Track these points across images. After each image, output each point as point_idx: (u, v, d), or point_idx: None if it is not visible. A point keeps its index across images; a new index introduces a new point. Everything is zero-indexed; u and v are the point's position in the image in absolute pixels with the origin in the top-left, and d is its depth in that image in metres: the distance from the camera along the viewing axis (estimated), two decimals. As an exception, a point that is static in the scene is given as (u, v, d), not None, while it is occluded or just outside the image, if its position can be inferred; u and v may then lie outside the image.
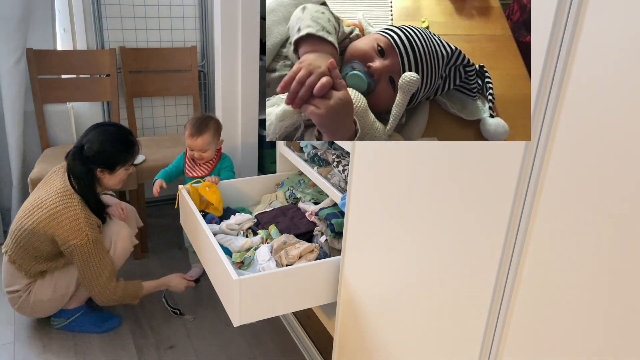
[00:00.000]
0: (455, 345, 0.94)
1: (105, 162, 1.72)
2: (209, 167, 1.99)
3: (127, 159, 1.78)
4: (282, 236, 1.54)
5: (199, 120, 1.92)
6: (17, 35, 2.18)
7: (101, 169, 1.73)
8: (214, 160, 2.00)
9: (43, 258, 1.71)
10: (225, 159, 2.03)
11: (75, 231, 1.65)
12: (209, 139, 1.91)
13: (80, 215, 1.65)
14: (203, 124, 1.90)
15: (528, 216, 0.75)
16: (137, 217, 2.03)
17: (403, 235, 1.05)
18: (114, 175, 1.77)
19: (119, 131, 1.79)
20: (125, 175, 1.83)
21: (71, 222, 1.64)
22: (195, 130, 1.89)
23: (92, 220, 1.69)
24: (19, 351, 1.76)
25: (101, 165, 1.72)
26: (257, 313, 1.38)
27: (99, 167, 1.72)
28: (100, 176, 1.75)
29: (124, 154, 1.77)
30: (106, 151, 1.72)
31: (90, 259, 1.68)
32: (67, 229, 1.64)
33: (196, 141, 1.90)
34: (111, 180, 1.78)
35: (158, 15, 2.56)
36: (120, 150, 1.75)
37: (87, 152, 1.70)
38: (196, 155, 1.94)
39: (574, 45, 0.66)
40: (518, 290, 0.79)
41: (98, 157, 1.71)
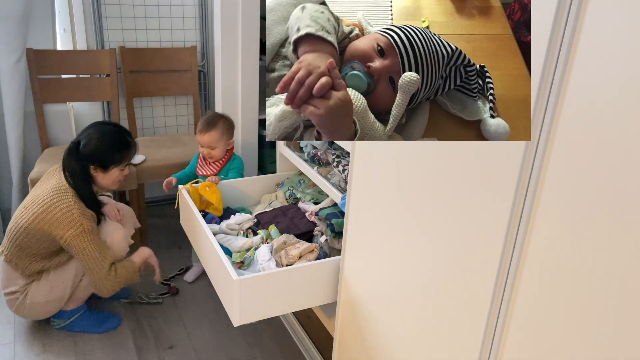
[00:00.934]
0: (455, 345, 0.94)
1: (99, 159, 1.73)
2: (218, 166, 2.00)
3: (121, 159, 1.77)
4: (282, 236, 1.54)
5: (209, 117, 1.95)
6: (17, 35, 2.17)
7: (95, 167, 1.73)
8: (224, 160, 2.01)
9: (39, 256, 1.71)
10: (236, 160, 2.04)
11: (69, 222, 1.65)
12: (216, 136, 1.92)
13: (73, 207, 1.66)
14: (212, 121, 1.93)
15: (528, 216, 0.75)
16: (135, 218, 2.02)
17: (403, 235, 1.05)
18: (108, 174, 1.77)
19: (117, 131, 1.79)
20: (120, 176, 1.82)
21: (64, 214, 1.65)
22: (203, 126, 1.92)
23: (87, 213, 1.69)
24: (19, 351, 1.76)
25: (95, 163, 1.73)
26: (257, 313, 1.38)
27: (92, 165, 1.73)
28: (94, 174, 1.75)
29: (119, 153, 1.76)
30: (101, 149, 1.72)
31: (88, 249, 1.68)
32: (62, 221, 1.64)
33: (204, 137, 1.92)
34: (105, 180, 1.78)
35: (158, 15, 2.56)
36: (115, 149, 1.75)
37: (82, 149, 1.70)
38: (205, 152, 1.96)
39: (574, 45, 0.65)
40: (518, 290, 0.79)
41: (93, 154, 1.71)
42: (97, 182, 1.78)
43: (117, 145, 1.76)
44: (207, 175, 1.97)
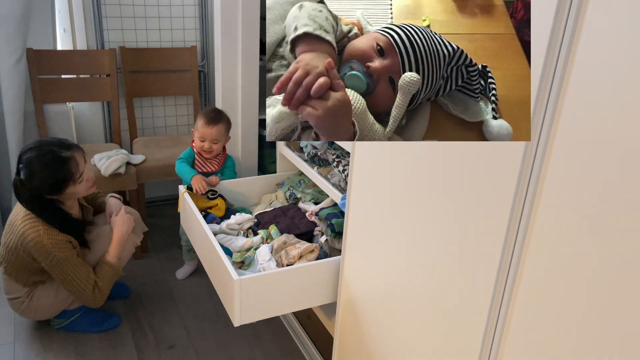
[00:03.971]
0: (455, 345, 0.93)
1: (48, 189, 1.60)
2: (218, 162, 1.99)
3: (67, 178, 1.60)
4: (283, 236, 1.54)
5: (213, 111, 1.94)
6: (17, 35, 2.17)
7: (49, 195, 1.62)
8: (222, 156, 2.00)
9: (36, 270, 1.69)
10: (229, 159, 2.04)
11: (42, 253, 1.60)
12: (222, 130, 1.92)
13: (43, 236, 1.58)
14: (218, 115, 1.93)
15: (528, 216, 0.75)
16: (142, 222, 2.01)
17: (403, 235, 1.05)
18: (69, 192, 1.63)
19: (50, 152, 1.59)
20: (83, 186, 1.67)
21: (35, 245, 1.59)
22: (210, 119, 1.90)
23: (59, 239, 1.61)
24: (19, 351, 1.76)
25: (47, 193, 1.61)
26: (257, 313, 1.37)
27: (46, 195, 1.61)
28: (57, 198, 1.64)
29: (62, 174, 1.59)
30: (44, 179, 1.58)
31: (66, 277, 1.64)
32: (35, 251, 1.60)
33: (212, 130, 1.89)
34: (72, 196, 1.67)
35: (158, 15, 2.55)
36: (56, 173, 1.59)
37: (27, 185, 1.58)
38: (206, 147, 1.91)
39: (574, 45, 0.65)
40: (518, 290, 0.78)
41: (40, 187, 1.59)
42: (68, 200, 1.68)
43: (56, 168, 1.59)
44: (209, 172, 1.96)
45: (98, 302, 1.73)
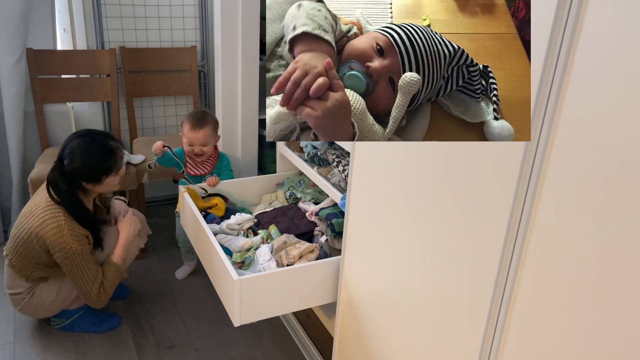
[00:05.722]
0: (455, 345, 0.93)
1: (87, 176, 1.66)
2: (210, 164, 1.99)
3: (110, 168, 1.69)
4: (283, 236, 1.54)
5: (197, 114, 1.93)
6: (17, 35, 2.17)
7: (86, 182, 1.68)
8: (214, 157, 2.00)
9: (43, 265, 1.70)
10: (223, 158, 2.03)
11: (59, 243, 1.61)
12: (209, 132, 1.91)
13: (64, 226, 1.61)
14: (203, 117, 1.91)
15: (528, 216, 0.75)
16: (147, 225, 2.01)
17: (403, 235, 1.04)
18: (103, 184, 1.70)
19: (99, 140, 1.69)
20: (117, 179, 1.75)
21: (55, 234, 1.60)
22: (196, 123, 1.89)
23: (79, 233, 1.64)
24: (19, 351, 1.76)
25: (84, 179, 1.66)
26: (257, 313, 1.37)
27: (83, 181, 1.67)
28: (89, 188, 1.69)
29: (106, 164, 1.68)
30: (87, 165, 1.64)
31: (76, 272, 1.65)
32: (52, 240, 1.61)
33: (198, 133, 1.89)
34: (102, 188, 1.73)
35: (158, 15, 2.55)
36: (101, 161, 1.67)
37: (67, 167, 1.63)
38: (196, 150, 1.92)
39: (574, 45, 0.65)
40: (518, 290, 0.78)
41: (79, 172, 1.64)
42: (95, 192, 1.73)
43: (102, 156, 1.67)
44: (201, 175, 1.95)
45: (101, 303, 1.73)
